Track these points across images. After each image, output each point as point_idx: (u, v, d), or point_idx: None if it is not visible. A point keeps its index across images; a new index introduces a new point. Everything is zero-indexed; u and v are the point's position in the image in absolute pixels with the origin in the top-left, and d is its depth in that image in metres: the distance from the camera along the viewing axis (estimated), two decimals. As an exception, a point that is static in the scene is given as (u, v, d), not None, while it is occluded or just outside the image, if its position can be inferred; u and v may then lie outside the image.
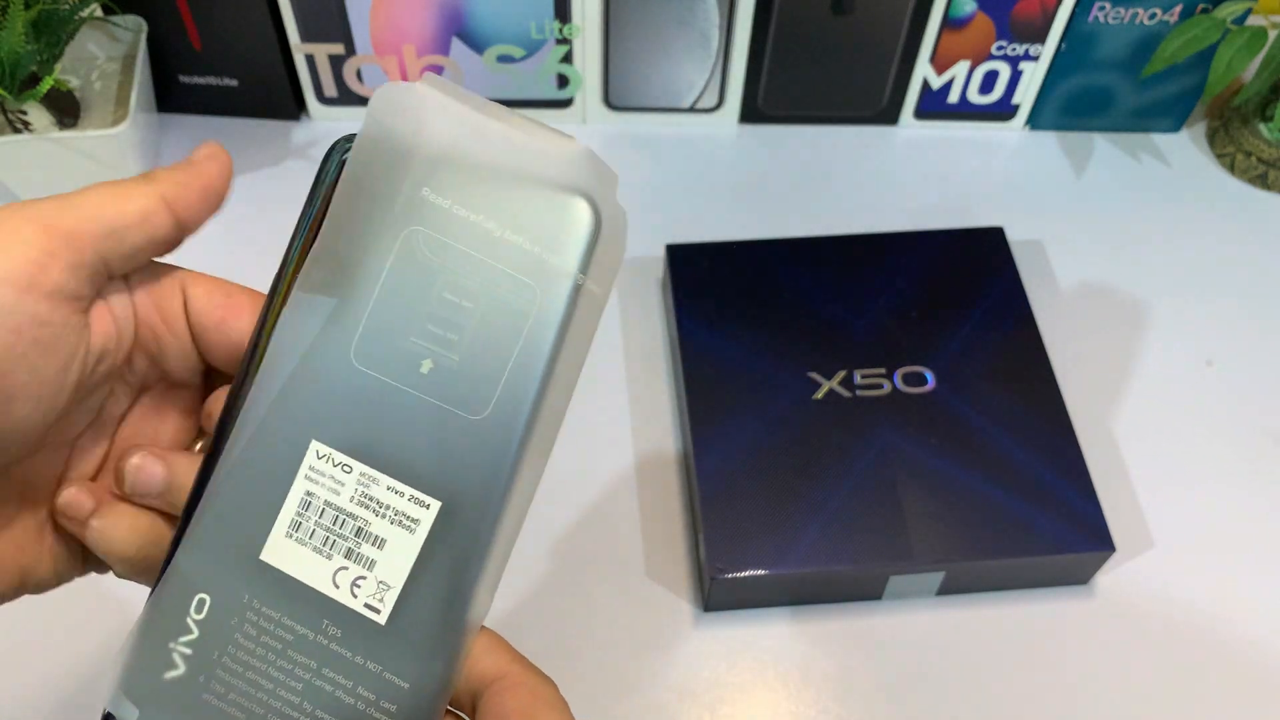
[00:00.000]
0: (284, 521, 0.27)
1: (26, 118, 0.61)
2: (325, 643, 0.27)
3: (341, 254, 0.27)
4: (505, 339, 0.28)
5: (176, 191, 0.27)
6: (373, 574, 0.28)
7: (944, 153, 0.72)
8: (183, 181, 0.28)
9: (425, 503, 0.28)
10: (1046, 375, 0.56)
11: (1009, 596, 0.54)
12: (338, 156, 0.28)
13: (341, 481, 0.27)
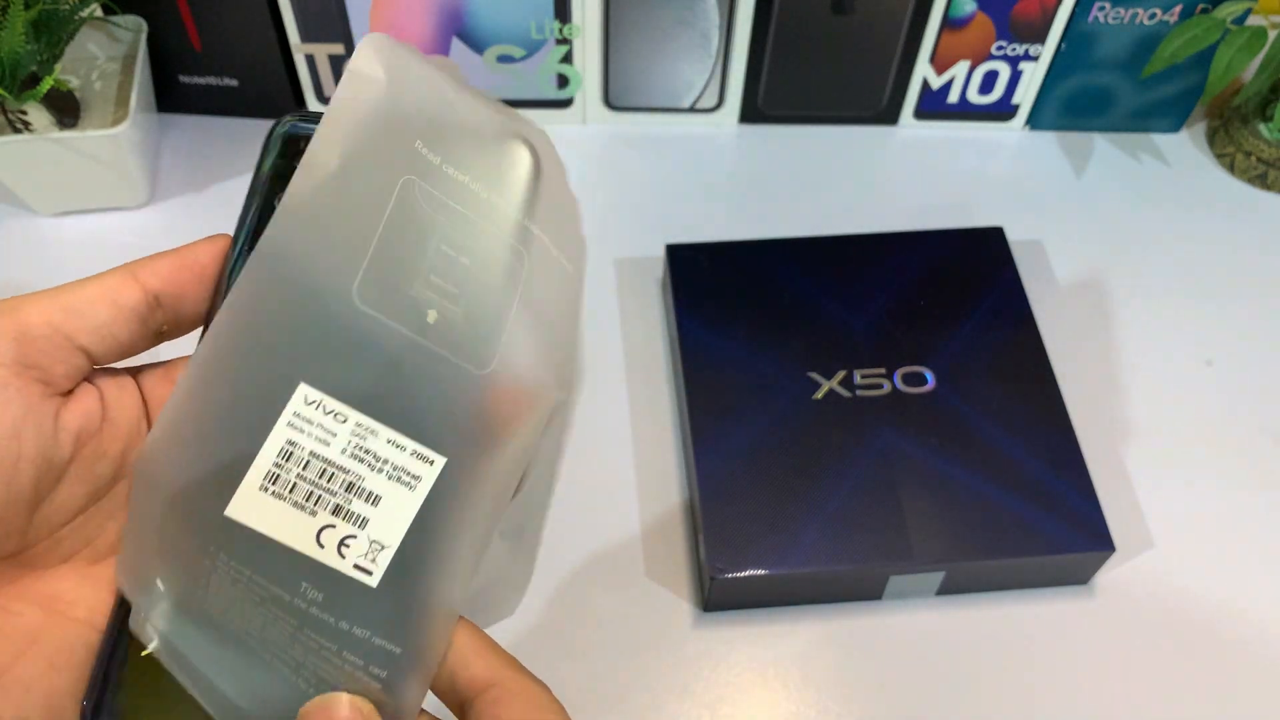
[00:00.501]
0: (258, 473, 0.25)
1: (26, 118, 0.61)
2: (304, 606, 0.25)
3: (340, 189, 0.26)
4: (502, 296, 0.27)
5: (147, 266, 0.27)
6: (364, 532, 0.26)
7: (944, 153, 0.72)
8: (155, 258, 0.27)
9: (429, 459, 0.26)
10: (1046, 375, 0.56)
11: (1009, 596, 0.54)
12: (280, 131, 0.28)
13: (333, 431, 0.25)
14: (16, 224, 0.66)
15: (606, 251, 0.66)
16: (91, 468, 0.27)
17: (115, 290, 0.26)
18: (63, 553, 0.27)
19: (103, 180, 0.64)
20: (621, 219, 0.68)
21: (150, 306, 0.27)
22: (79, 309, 0.26)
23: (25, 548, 0.26)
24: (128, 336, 0.27)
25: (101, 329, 0.26)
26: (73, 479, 0.26)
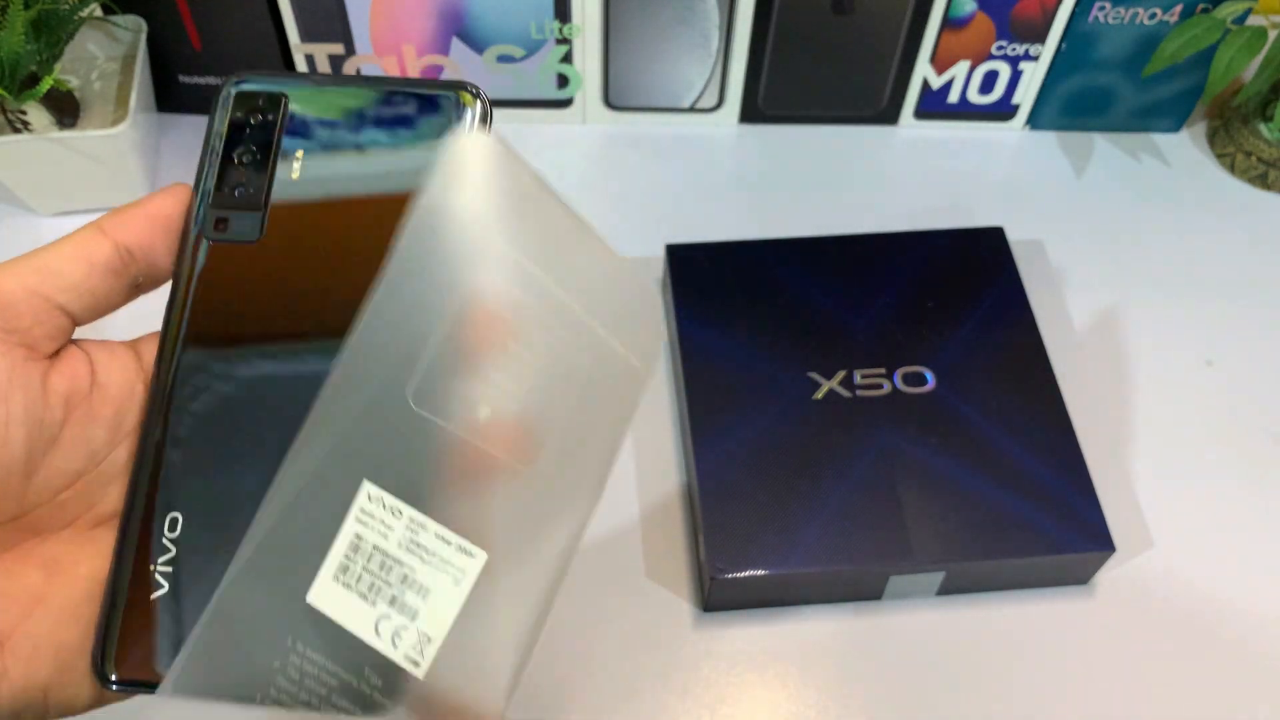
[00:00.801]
0: (333, 563, 0.26)
1: (26, 117, 0.61)
2: (368, 692, 0.27)
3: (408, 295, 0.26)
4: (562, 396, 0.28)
5: (114, 218, 0.27)
6: (414, 624, 0.27)
7: (944, 153, 0.72)
8: (121, 210, 0.28)
9: (471, 553, 0.27)
10: (1046, 375, 0.56)
11: (1009, 596, 0.54)
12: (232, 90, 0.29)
13: (390, 526, 0.27)
14: (16, 224, 0.66)
15: (606, 251, 0.66)
16: (85, 431, 0.27)
17: (86, 247, 0.27)
18: (64, 518, 0.27)
19: (102, 180, 0.64)
20: (621, 219, 0.68)
21: (124, 259, 0.27)
22: (53, 269, 0.26)
23: (25, 512, 0.26)
24: (105, 291, 0.27)
25: (78, 286, 0.27)
26: (67, 444, 0.27)
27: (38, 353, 0.26)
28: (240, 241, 0.29)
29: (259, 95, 0.29)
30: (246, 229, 0.29)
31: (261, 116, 0.29)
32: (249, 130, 0.29)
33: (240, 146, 0.29)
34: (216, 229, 0.29)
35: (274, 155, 0.29)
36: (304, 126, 0.29)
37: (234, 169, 0.29)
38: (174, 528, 0.27)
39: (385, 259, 0.27)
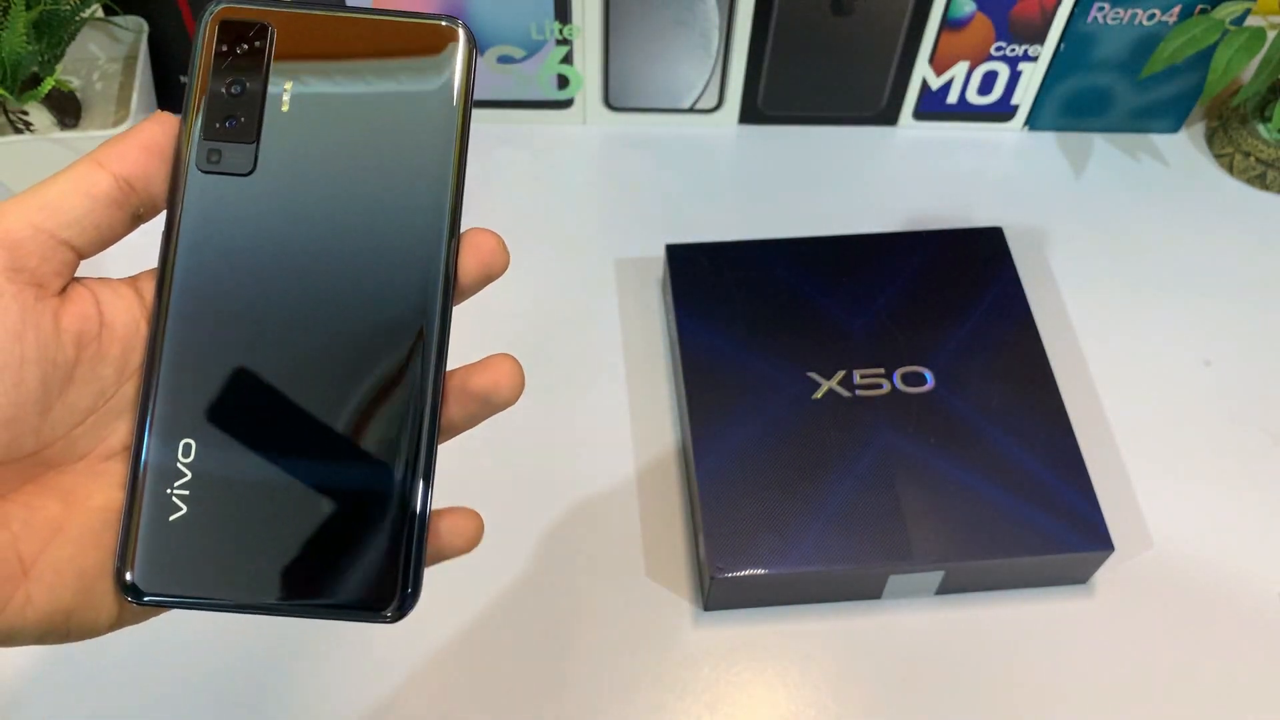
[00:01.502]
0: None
1: (28, 118, 0.61)
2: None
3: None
4: None
5: (109, 151, 0.28)
6: None
7: (943, 153, 0.72)
8: (118, 140, 0.28)
9: None
10: (1045, 375, 0.57)
11: (1008, 596, 0.54)
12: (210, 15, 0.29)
13: None
14: (17, 224, 0.66)
15: (606, 251, 0.66)
16: (94, 369, 0.28)
17: (85, 180, 0.27)
18: (77, 452, 0.28)
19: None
20: (621, 219, 0.68)
21: (123, 190, 0.28)
22: (55, 204, 0.27)
23: (42, 447, 0.27)
24: (107, 223, 0.28)
25: (82, 220, 0.27)
26: (79, 382, 0.27)
27: (47, 291, 0.27)
28: (233, 174, 0.29)
29: (246, 25, 0.29)
30: (239, 162, 0.29)
31: (249, 45, 0.29)
32: (236, 60, 0.29)
33: (229, 77, 0.29)
34: (209, 160, 0.29)
35: (264, 86, 0.29)
36: (291, 56, 0.29)
37: (223, 100, 0.29)
38: (187, 453, 0.28)
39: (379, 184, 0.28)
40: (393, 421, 0.29)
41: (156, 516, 0.28)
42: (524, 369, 0.30)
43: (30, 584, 0.26)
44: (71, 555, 0.27)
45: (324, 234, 0.29)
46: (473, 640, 0.52)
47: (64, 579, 0.27)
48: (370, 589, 0.28)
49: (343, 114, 0.29)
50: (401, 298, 0.29)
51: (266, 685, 0.50)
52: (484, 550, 0.57)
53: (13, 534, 0.26)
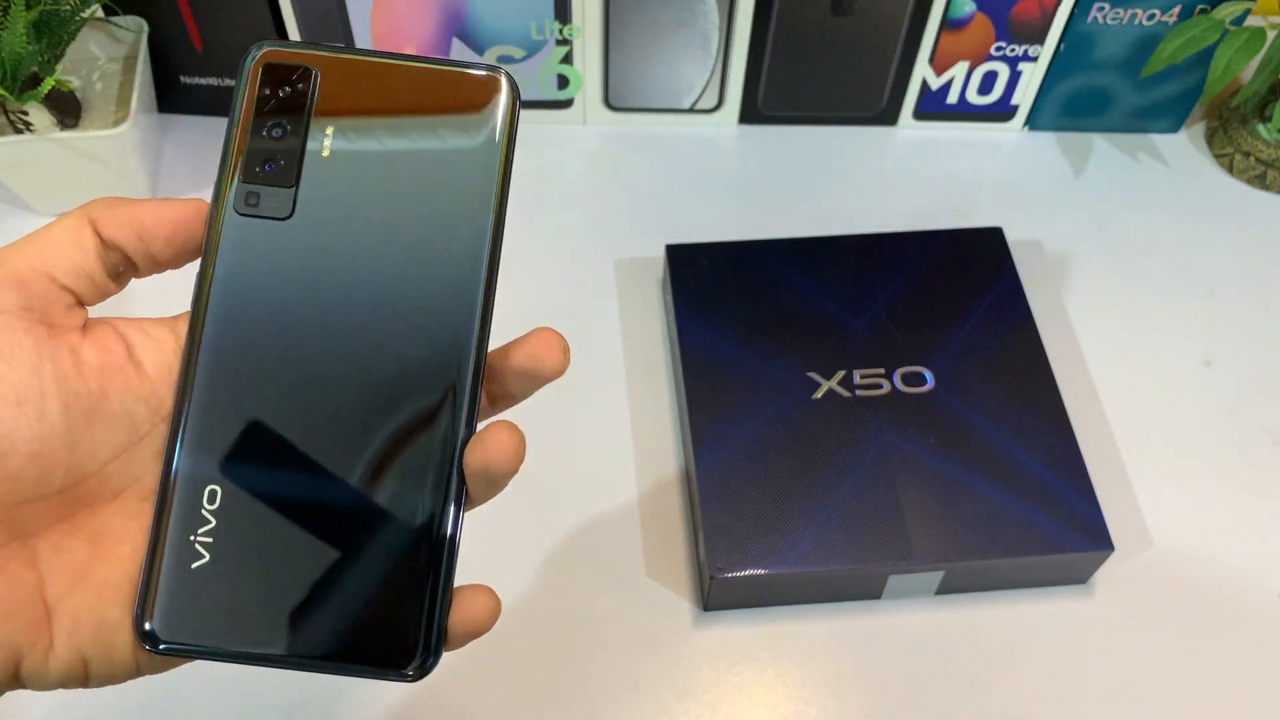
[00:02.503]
0: None
1: (28, 118, 0.61)
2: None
3: None
4: None
5: (101, 211, 0.28)
6: None
7: (943, 153, 0.72)
8: (112, 204, 0.28)
9: None
10: (1045, 375, 0.57)
11: (1008, 596, 0.54)
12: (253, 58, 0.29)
13: None
14: (17, 224, 0.66)
15: (606, 251, 0.66)
16: (124, 404, 0.28)
17: (75, 232, 0.28)
18: (112, 489, 0.28)
19: (104, 180, 0.64)
20: (621, 219, 0.68)
21: (103, 249, 0.28)
22: (51, 250, 0.27)
23: (74, 483, 0.27)
24: (99, 276, 0.28)
25: (76, 269, 0.28)
26: (108, 415, 0.27)
27: (58, 329, 0.27)
28: (271, 218, 0.29)
29: (290, 68, 0.29)
30: (277, 205, 0.29)
31: (292, 89, 0.29)
32: (279, 103, 0.29)
33: (270, 120, 0.29)
34: (247, 204, 0.29)
35: (306, 131, 0.29)
36: (333, 100, 0.29)
37: (264, 143, 0.29)
38: (212, 499, 0.28)
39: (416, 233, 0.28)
40: (421, 481, 0.28)
41: (178, 563, 0.27)
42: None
43: (53, 630, 0.26)
44: (92, 604, 0.27)
45: (359, 285, 0.29)
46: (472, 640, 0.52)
47: (83, 628, 0.26)
48: (392, 648, 0.28)
49: (383, 163, 0.29)
50: (433, 356, 0.28)
51: (267, 686, 0.50)
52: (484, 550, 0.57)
53: (40, 576, 0.26)
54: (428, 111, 0.29)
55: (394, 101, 0.29)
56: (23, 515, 0.26)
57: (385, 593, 0.28)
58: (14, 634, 0.25)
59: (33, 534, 0.27)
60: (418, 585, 0.28)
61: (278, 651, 0.27)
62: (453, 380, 0.28)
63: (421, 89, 0.29)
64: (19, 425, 0.26)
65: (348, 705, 0.50)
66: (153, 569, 0.27)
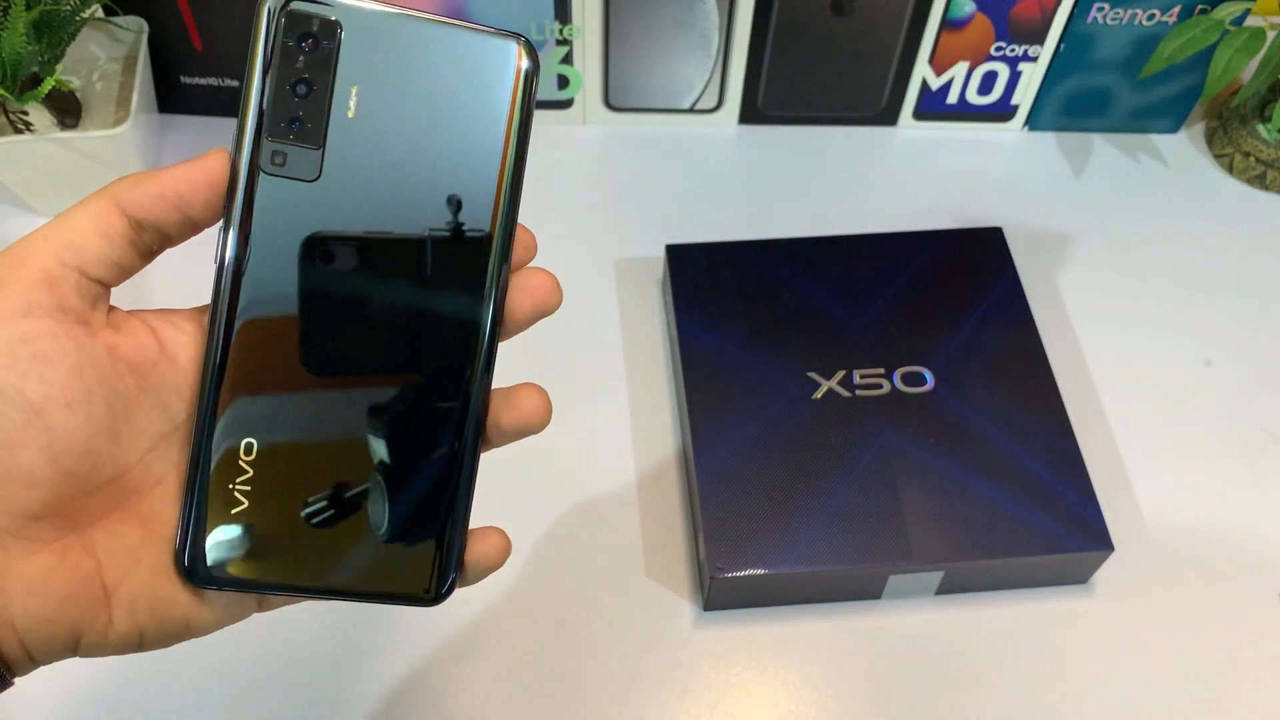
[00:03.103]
0: None
1: (28, 118, 0.61)
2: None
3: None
4: None
5: (128, 193, 0.28)
6: None
7: (943, 153, 0.72)
8: (137, 182, 0.29)
9: None
10: (1045, 375, 0.57)
11: (1008, 596, 0.54)
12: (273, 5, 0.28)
13: None
14: (17, 224, 0.66)
15: (606, 251, 0.66)
16: (159, 397, 0.29)
17: (102, 220, 0.28)
18: (154, 476, 0.29)
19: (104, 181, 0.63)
20: (621, 219, 0.68)
21: (136, 231, 0.29)
22: (78, 244, 0.28)
23: (120, 474, 0.29)
24: (127, 259, 0.29)
25: (104, 259, 0.28)
26: (145, 408, 0.29)
27: (94, 326, 0.28)
28: (297, 179, 0.29)
29: (313, 18, 0.28)
30: (305, 167, 0.29)
31: (315, 42, 0.28)
32: (303, 57, 0.28)
33: (295, 75, 0.28)
34: (273, 163, 0.29)
35: (331, 87, 0.28)
36: (357, 56, 0.28)
37: (290, 99, 0.28)
38: (249, 451, 0.29)
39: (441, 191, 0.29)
40: (441, 429, 0.30)
41: (222, 510, 0.29)
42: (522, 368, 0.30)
43: (112, 609, 0.28)
44: (147, 584, 0.29)
45: (383, 247, 0.29)
46: (472, 640, 0.52)
47: (140, 605, 0.29)
48: (413, 579, 0.30)
49: (404, 124, 0.29)
50: (453, 316, 0.30)
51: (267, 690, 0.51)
52: (484, 550, 0.56)
53: (98, 563, 0.28)
54: (446, 74, 0.29)
55: (415, 61, 0.29)
56: (80, 507, 0.28)
57: (408, 530, 0.30)
58: (76, 616, 0.28)
59: (89, 524, 0.28)
60: (438, 523, 0.30)
61: (313, 583, 0.30)
62: (469, 343, 0.30)
63: (441, 49, 0.29)
64: (71, 426, 0.27)
65: (348, 705, 0.50)
66: (196, 514, 0.29)
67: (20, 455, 0.27)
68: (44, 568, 0.27)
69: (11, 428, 0.26)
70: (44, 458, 0.27)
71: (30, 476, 0.27)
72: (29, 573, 0.27)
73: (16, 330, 0.27)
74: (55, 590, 0.27)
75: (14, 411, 0.26)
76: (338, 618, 0.52)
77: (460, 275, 0.30)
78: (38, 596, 0.27)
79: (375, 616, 0.52)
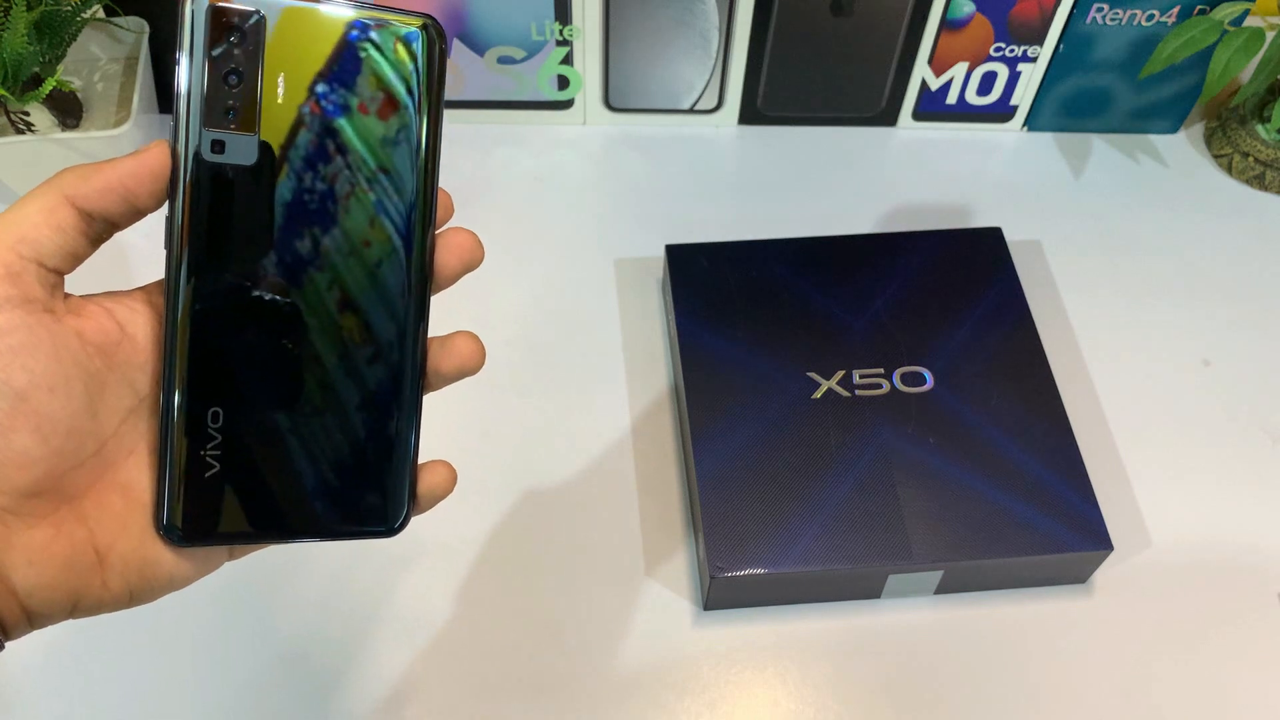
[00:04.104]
0: None
1: (29, 119, 0.61)
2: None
3: None
4: None
5: (76, 186, 0.30)
6: None
7: (942, 153, 0.72)
8: (84, 176, 0.30)
9: None
10: (1044, 375, 0.57)
11: (1007, 595, 0.54)
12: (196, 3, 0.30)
13: None
14: (19, 224, 0.66)
15: (606, 251, 0.66)
16: (125, 374, 0.31)
17: (54, 215, 0.30)
18: (127, 447, 0.32)
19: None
20: (621, 219, 0.68)
21: (86, 221, 0.30)
22: (32, 238, 0.29)
23: (99, 447, 0.31)
24: (79, 249, 0.31)
25: (59, 250, 0.30)
26: (114, 385, 0.31)
27: (58, 314, 0.30)
28: (236, 163, 0.31)
29: (236, 12, 0.30)
30: (243, 152, 0.31)
31: (241, 35, 0.30)
32: (230, 50, 0.30)
33: (225, 67, 0.30)
34: (213, 151, 0.30)
35: (260, 76, 0.31)
36: (283, 45, 0.31)
37: (221, 90, 0.30)
38: (216, 419, 0.32)
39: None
40: (386, 381, 0.33)
41: (196, 474, 0.32)
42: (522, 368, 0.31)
43: (105, 572, 0.31)
44: (135, 546, 0.31)
45: (318, 220, 0.32)
46: (473, 640, 0.52)
47: (131, 566, 0.31)
48: (373, 515, 0.33)
49: (329, 104, 0.31)
50: (388, 275, 0.33)
51: (267, 692, 0.51)
52: (485, 550, 0.57)
53: (90, 531, 0.31)
54: (364, 54, 0.31)
55: (334, 46, 0.31)
56: (69, 482, 0.30)
57: (365, 471, 0.33)
58: (75, 580, 0.30)
59: (78, 496, 0.31)
60: (391, 462, 0.33)
61: (283, 530, 0.33)
62: (405, 293, 0.33)
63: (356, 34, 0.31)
64: (55, 408, 0.29)
65: (349, 704, 0.50)
66: (173, 482, 0.31)
67: (13, 439, 0.29)
68: (43, 539, 0.30)
69: (2, 415, 0.28)
70: (35, 439, 0.29)
71: (24, 458, 0.29)
72: (29, 545, 0.29)
73: None
74: (54, 559, 0.30)
75: (2, 401, 0.28)
76: (338, 621, 0.52)
77: (391, 237, 0.32)
78: (38, 566, 0.30)
79: (376, 619, 0.52)
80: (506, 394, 0.60)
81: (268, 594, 0.53)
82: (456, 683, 0.51)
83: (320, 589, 0.53)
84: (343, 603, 0.53)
